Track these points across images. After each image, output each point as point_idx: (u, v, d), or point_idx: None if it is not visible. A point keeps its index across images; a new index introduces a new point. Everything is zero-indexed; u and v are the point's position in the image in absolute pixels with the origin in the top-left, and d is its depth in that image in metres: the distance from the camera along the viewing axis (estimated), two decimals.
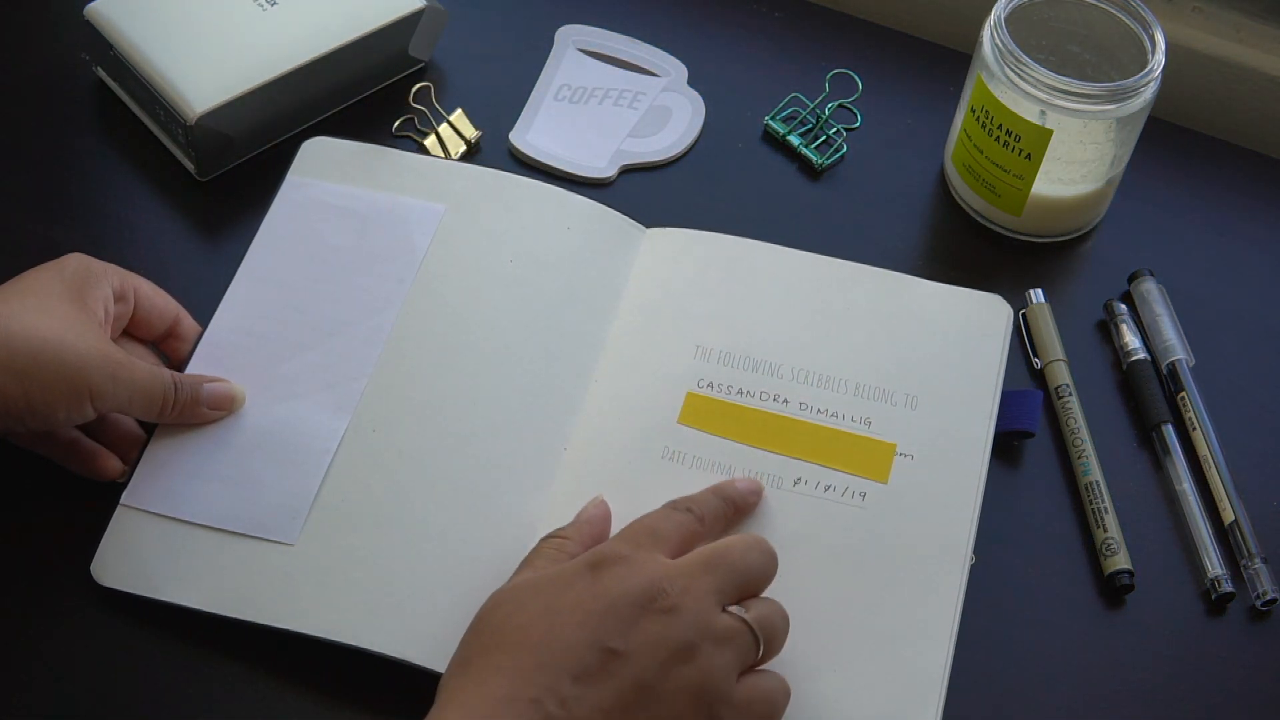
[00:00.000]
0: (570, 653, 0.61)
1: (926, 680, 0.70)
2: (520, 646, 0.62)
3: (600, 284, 0.83)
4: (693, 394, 0.78)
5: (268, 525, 0.74)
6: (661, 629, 0.62)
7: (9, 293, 0.73)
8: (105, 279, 0.75)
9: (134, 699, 0.72)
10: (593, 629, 0.62)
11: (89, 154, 0.89)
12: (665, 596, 0.63)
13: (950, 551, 0.74)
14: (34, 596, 0.74)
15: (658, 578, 0.64)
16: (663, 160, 0.91)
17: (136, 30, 0.86)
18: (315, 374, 0.78)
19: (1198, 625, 0.76)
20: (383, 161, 0.86)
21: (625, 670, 0.61)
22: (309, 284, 0.81)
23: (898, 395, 0.78)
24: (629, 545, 0.66)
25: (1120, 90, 0.81)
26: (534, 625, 0.63)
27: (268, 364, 0.79)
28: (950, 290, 0.82)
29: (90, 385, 0.71)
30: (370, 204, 0.84)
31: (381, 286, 0.81)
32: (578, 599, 0.63)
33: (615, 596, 0.63)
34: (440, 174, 0.86)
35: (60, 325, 0.71)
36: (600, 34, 0.96)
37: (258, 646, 0.72)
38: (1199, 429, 0.81)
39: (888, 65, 0.96)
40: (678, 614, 0.63)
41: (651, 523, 0.68)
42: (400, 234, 0.83)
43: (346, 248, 0.83)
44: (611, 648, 0.62)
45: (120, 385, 0.72)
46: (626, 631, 0.62)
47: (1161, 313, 0.85)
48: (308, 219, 0.84)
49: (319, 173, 0.85)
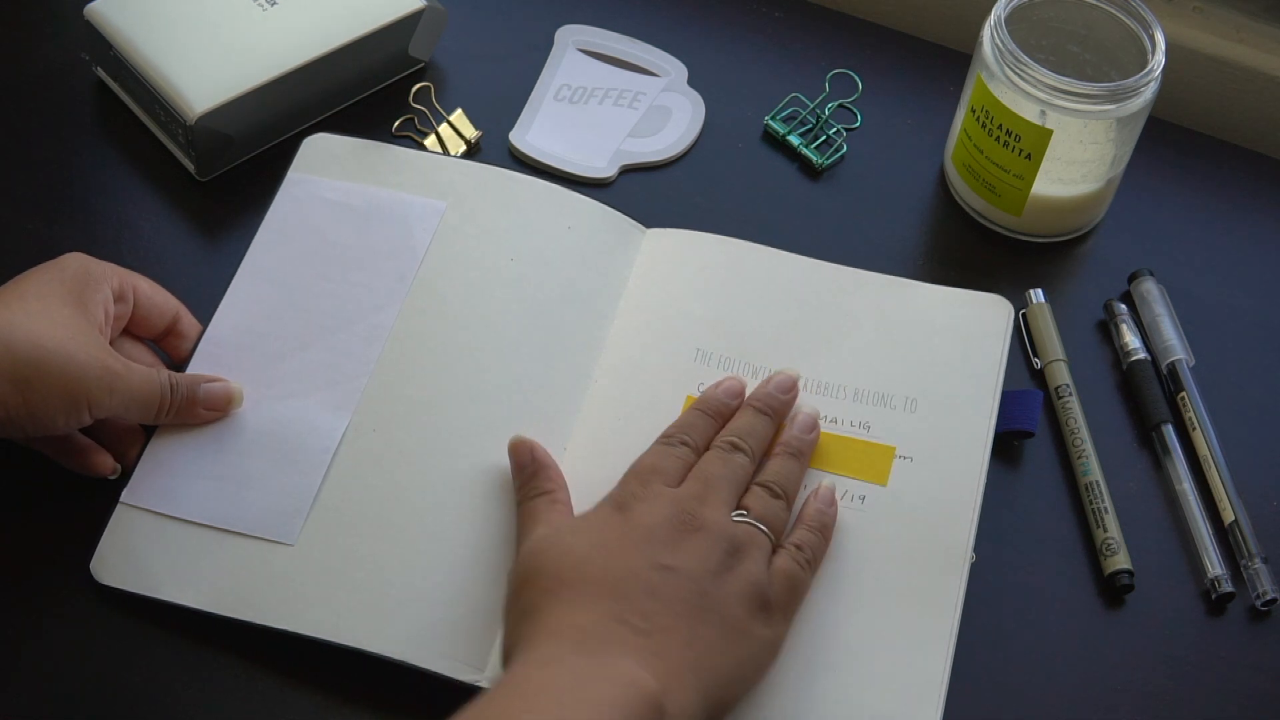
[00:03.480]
0: (634, 575, 0.66)
1: (927, 681, 0.70)
2: (584, 581, 0.66)
3: (601, 285, 0.83)
4: (693, 398, 0.78)
5: (268, 525, 0.74)
6: (699, 544, 0.68)
7: (10, 296, 0.73)
8: (105, 280, 0.75)
9: (132, 698, 0.71)
10: (644, 553, 0.67)
11: (89, 154, 0.89)
12: (691, 518, 0.69)
13: (950, 553, 0.74)
14: (33, 593, 0.74)
15: (678, 503, 0.70)
16: (663, 160, 0.91)
17: (136, 30, 0.86)
18: (316, 372, 0.78)
19: (1198, 625, 0.76)
20: (383, 157, 0.86)
21: (684, 582, 0.67)
22: (310, 281, 0.81)
23: (897, 399, 0.78)
24: (640, 484, 0.71)
25: (1120, 90, 0.81)
26: (589, 561, 0.67)
27: (269, 362, 0.79)
28: (951, 292, 0.82)
29: (89, 396, 0.72)
30: (371, 200, 0.84)
31: (382, 283, 0.81)
32: (619, 533, 0.68)
33: (651, 525, 0.69)
34: (441, 170, 0.86)
35: (62, 333, 0.71)
36: (600, 34, 0.96)
37: (257, 647, 0.72)
38: (1199, 429, 0.81)
39: (888, 65, 0.96)
40: (706, 530, 0.69)
41: (652, 461, 0.73)
42: (401, 230, 0.83)
43: (347, 244, 0.82)
44: (666, 564, 0.67)
45: (117, 396, 0.73)
46: (673, 550, 0.68)
47: (1161, 313, 0.85)
48: (308, 216, 0.83)
49: (319, 169, 0.85)
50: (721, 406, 0.76)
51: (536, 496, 0.73)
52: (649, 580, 0.66)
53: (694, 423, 0.75)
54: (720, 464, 0.73)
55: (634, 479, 0.72)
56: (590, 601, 0.65)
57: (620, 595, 0.65)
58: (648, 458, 0.73)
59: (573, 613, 0.65)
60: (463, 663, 0.70)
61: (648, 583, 0.66)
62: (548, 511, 0.72)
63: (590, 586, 0.66)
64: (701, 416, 0.76)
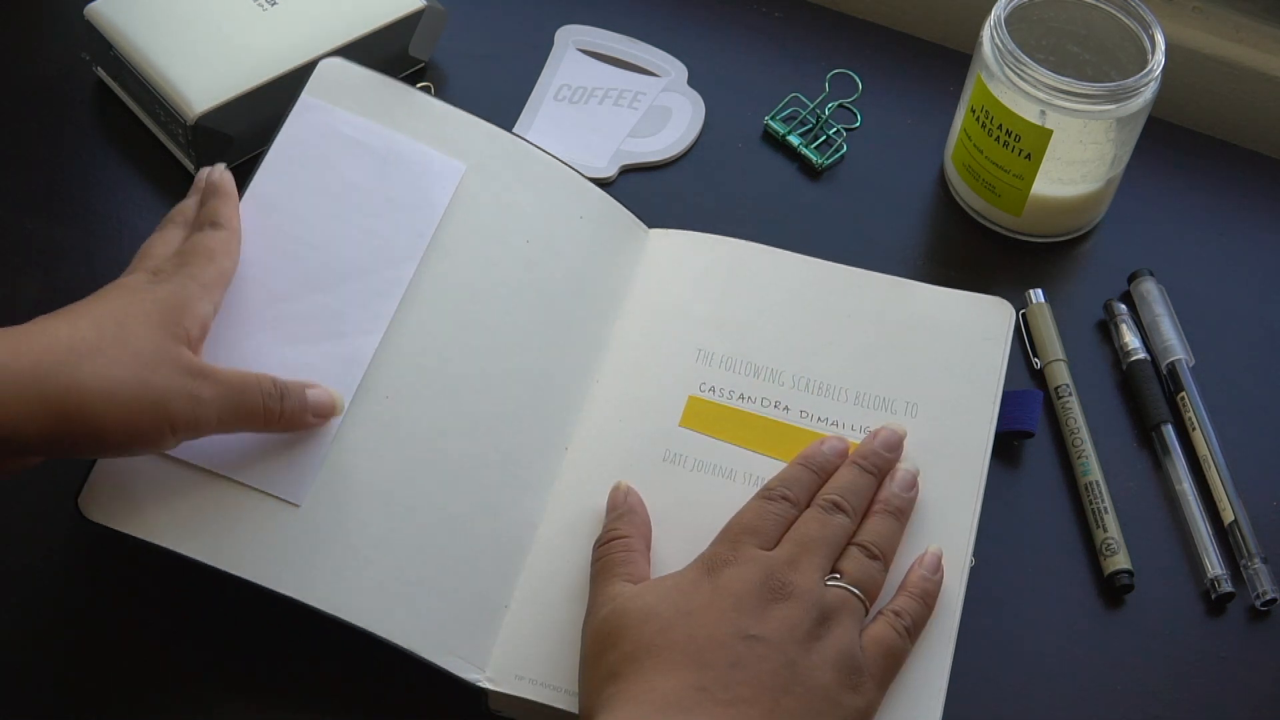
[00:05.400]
0: (719, 645, 0.65)
1: (928, 682, 0.70)
2: (669, 648, 0.65)
3: (607, 280, 0.82)
4: (695, 398, 0.78)
5: (274, 481, 0.71)
6: (788, 613, 0.67)
7: (85, 323, 0.67)
8: (200, 304, 0.70)
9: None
10: (731, 622, 0.66)
11: (89, 154, 0.89)
12: (781, 586, 0.67)
13: (951, 556, 0.74)
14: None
15: (768, 570, 0.68)
16: (663, 160, 0.91)
17: (136, 30, 0.86)
18: (326, 320, 0.75)
19: (1198, 625, 0.76)
20: (401, 99, 0.82)
21: (771, 652, 0.65)
22: (321, 219, 0.78)
23: (898, 403, 0.78)
24: (731, 547, 0.70)
25: (1120, 90, 0.81)
26: (673, 628, 0.66)
27: (275, 300, 0.75)
28: (953, 294, 0.82)
29: (172, 421, 0.66)
30: (390, 144, 0.81)
31: (399, 236, 0.78)
32: (706, 600, 0.67)
33: (739, 592, 0.67)
34: (458, 126, 0.83)
35: (139, 362, 0.66)
36: (600, 34, 0.96)
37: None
38: (1199, 429, 0.81)
39: (888, 65, 0.96)
40: (796, 598, 0.67)
41: (748, 521, 0.71)
42: (420, 184, 0.80)
43: (364, 187, 0.79)
44: (754, 634, 0.65)
45: (203, 418, 0.67)
46: (761, 619, 0.66)
47: (1161, 313, 0.85)
48: (322, 147, 0.80)
49: (335, 99, 0.81)
50: (826, 464, 0.74)
51: (613, 540, 0.71)
52: (734, 650, 0.65)
53: (797, 478, 0.73)
54: (818, 525, 0.71)
55: (727, 539, 0.70)
56: (673, 669, 0.64)
57: (704, 664, 0.64)
58: (745, 516, 0.71)
59: (654, 678, 0.64)
60: (462, 658, 0.70)
61: (732, 652, 0.65)
62: (624, 563, 0.70)
63: (674, 653, 0.65)
64: (805, 472, 0.74)
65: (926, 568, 0.72)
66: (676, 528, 0.73)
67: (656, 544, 0.73)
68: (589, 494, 0.74)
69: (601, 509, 0.74)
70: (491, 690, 0.70)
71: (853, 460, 0.74)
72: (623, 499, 0.74)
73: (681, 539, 0.72)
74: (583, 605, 0.71)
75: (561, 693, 0.70)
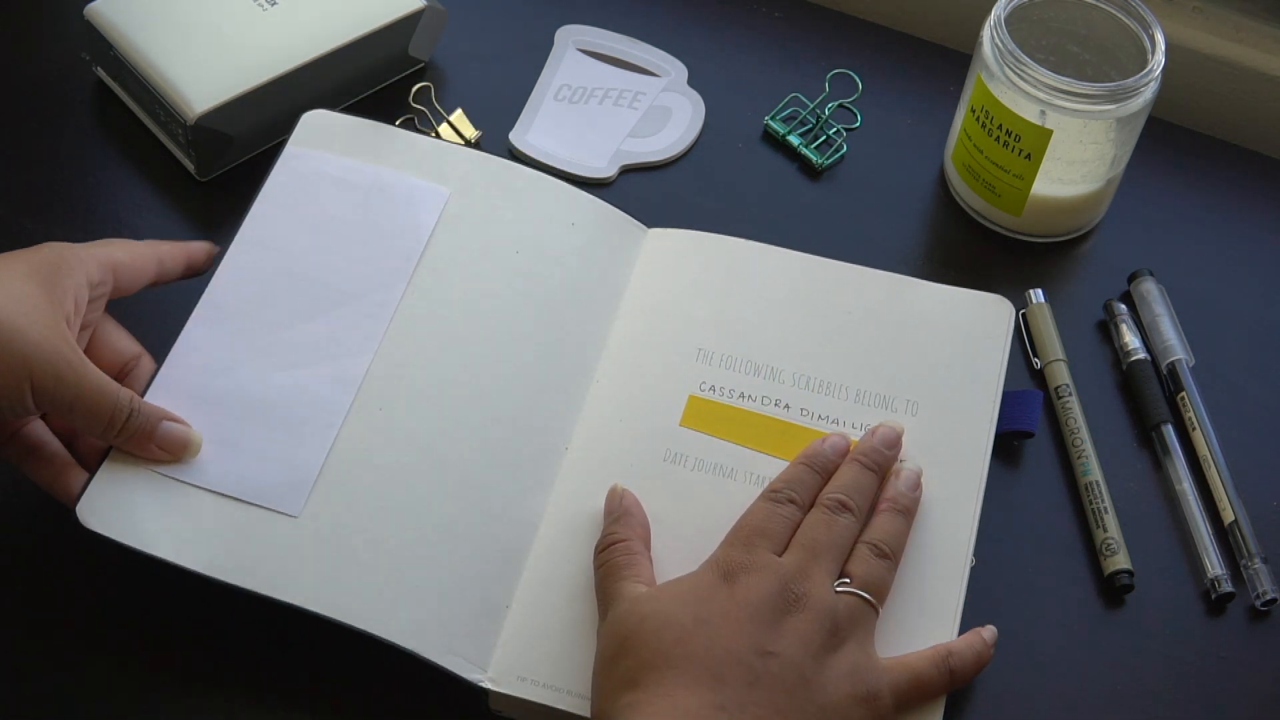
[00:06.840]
0: (738, 661, 0.65)
1: None
2: (687, 659, 0.65)
3: (603, 283, 0.82)
4: (695, 397, 0.78)
5: (270, 495, 0.72)
6: (802, 624, 0.67)
7: None
8: (81, 268, 0.71)
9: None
10: (748, 636, 0.66)
11: (89, 154, 0.89)
12: (794, 596, 0.68)
13: (951, 556, 0.74)
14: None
15: (783, 579, 0.68)
16: (663, 160, 0.91)
17: (136, 30, 0.86)
18: (318, 345, 0.77)
19: (1198, 625, 0.76)
20: (383, 138, 0.85)
21: (785, 668, 0.66)
22: (311, 252, 0.80)
23: (898, 402, 0.78)
24: (745, 550, 0.70)
25: (1120, 90, 0.81)
26: (692, 637, 0.66)
27: (268, 329, 0.77)
28: (953, 291, 0.82)
29: (33, 377, 0.67)
30: (373, 179, 0.83)
31: (387, 261, 0.80)
32: (724, 609, 0.67)
33: (755, 603, 0.67)
34: (443, 156, 0.85)
35: (14, 307, 0.67)
36: (600, 34, 0.96)
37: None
38: (1199, 429, 0.81)
39: (888, 65, 0.96)
40: (809, 607, 0.68)
41: (758, 522, 0.71)
42: (405, 211, 0.82)
43: (349, 220, 0.81)
44: (769, 650, 0.66)
45: (64, 388, 0.68)
46: (775, 633, 0.67)
47: (1161, 313, 0.85)
48: (308, 189, 0.82)
49: (318, 145, 0.84)
50: (828, 463, 0.74)
51: (613, 544, 0.71)
52: (751, 667, 0.65)
53: (800, 478, 0.73)
54: (825, 527, 0.71)
55: (739, 542, 0.70)
56: (692, 684, 0.64)
57: (722, 682, 0.65)
58: (753, 517, 0.72)
59: (675, 692, 0.64)
60: (464, 659, 0.70)
61: (750, 670, 0.65)
62: (628, 565, 0.70)
63: (693, 666, 0.65)
64: (808, 472, 0.74)
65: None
66: (678, 527, 0.73)
67: (659, 543, 0.73)
68: (590, 494, 0.74)
69: (602, 509, 0.74)
70: (493, 691, 0.70)
71: (853, 458, 0.75)
72: (618, 502, 0.74)
73: (684, 538, 0.72)
74: (585, 606, 0.71)
75: (563, 694, 0.70)
